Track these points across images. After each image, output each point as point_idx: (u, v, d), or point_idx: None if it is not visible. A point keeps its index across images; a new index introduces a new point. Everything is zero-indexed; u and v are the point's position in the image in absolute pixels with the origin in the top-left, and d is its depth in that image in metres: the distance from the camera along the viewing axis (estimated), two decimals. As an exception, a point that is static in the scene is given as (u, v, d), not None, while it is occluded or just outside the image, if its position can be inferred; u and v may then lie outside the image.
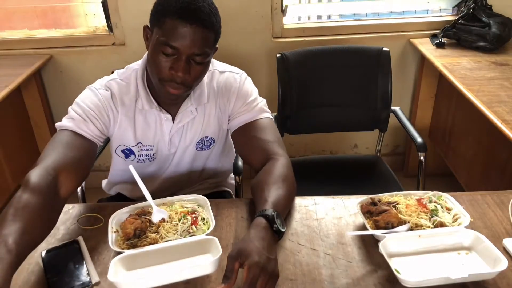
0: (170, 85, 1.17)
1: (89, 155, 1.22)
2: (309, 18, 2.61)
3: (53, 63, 2.52)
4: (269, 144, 1.27)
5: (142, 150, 1.35)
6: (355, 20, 2.59)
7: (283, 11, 2.47)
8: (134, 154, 1.36)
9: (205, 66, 1.19)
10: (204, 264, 0.98)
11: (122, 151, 1.36)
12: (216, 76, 1.34)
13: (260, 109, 1.34)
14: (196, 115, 1.33)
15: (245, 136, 1.31)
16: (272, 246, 0.98)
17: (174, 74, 1.14)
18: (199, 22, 1.10)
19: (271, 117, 1.36)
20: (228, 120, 1.36)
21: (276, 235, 1.01)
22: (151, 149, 1.35)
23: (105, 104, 1.26)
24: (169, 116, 1.30)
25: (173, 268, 1.02)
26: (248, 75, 1.43)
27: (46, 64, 2.49)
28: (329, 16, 2.64)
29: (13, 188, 2.45)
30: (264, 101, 1.38)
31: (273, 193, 1.10)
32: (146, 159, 1.37)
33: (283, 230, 1.02)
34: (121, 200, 1.50)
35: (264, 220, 1.01)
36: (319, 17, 2.65)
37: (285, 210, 1.15)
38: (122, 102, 1.28)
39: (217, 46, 1.24)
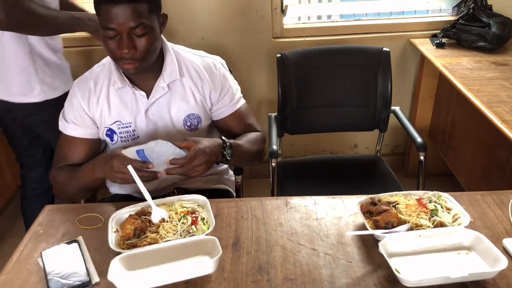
0: (123, 63, 1.27)
1: (91, 147, 1.43)
2: (309, 18, 2.61)
3: (53, 63, 2.51)
4: (250, 128, 1.50)
5: (121, 127, 1.41)
6: (355, 20, 2.59)
7: (283, 11, 2.47)
8: (115, 133, 1.42)
9: (150, 37, 1.26)
10: (204, 264, 0.98)
11: (106, 134, 1.42)
12: (184, 55, 1.43)
13: (238, 98, 1.49)
14: (170, 91, 1.39)
15: (229, 126, 1.48)
16: (217, 156, 1.27)
17: (121, 52, 1.23)
18: (123, 0, 1.19)
19: (244, 100, 1.51)
20: (212, 104, 1.45)
21: (221, 157, 1.30)
22: (130, 126, 1.41)
23: (79, 98, 1.39)
24: (143, 93, 1.38)
25: (173, 268, 1.02)
26: (248, 75, 1.47)
27: (46, 64, 2.48)
28: (329, 16, 2.64)
29: (13, 188, 2.45)
30: (239, 87, 1.51)
31: (241, 142, 1.39)
32: (128, 136, 1.42)
33: (228, 158, 1.31)
34: (121, 200, 1.51)
35: (221, 142, 1.30)
36: (319, 17, 2.65)
37: (241, 155, 1.38)
38: (96, 86, 1.39)
39: (164, 13, 1.32)
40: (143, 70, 1.31)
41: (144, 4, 1.22)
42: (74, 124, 1.40)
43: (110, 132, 1.41)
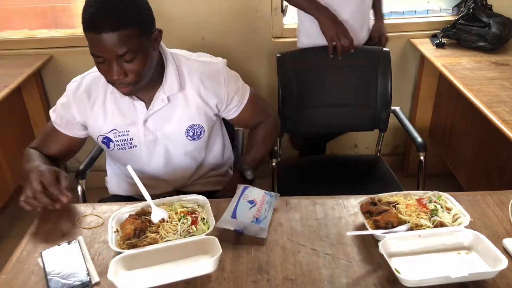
0: (116, 87, 1.26)
1: (69, 144, 1.43)
2: (309, 18, 2.60)
3: (53, 63, 2.52)
4: (262, 113, 1.54)
5: (118, 136, 1.39)
6: (355, 20, 2.58)
7: (283, 11, 2.47)
8: (112, 141, 1.40)
9: (140, 60, 1.20)
10: (204, 263, 0.98)
11: (102, 141, 1.41)
12: (187, 62, 1.37)
13: (244, 90, 1.46)
14: (170, 103, 1.36)
15: (243, 119, 1.50)
16: (238, 184, 1.28)
17: (112, 78, 1.20)
18: (106, 28, 1.12)
19: (251, 88, 1.49)
20: (218, 110, 1.43)
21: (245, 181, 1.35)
22: (127, 134, 1.39)
23: (70, 101, 1.38)
24: (142, 103, 1.35)
25: (173, 268, 1.02)
26: (248, 75, 1.46)
27: (46, 64, 2.49)
28: (329, 16, 2.64)
29: (13, 188, 2.45)
30: (241, 80, 1.47)
31: (251, 154, 1.48)
32: (125, 144, 1.40)
33: (250, 178, 1.41)
34: (122, 200, 1.51)
35: (239, 174, 1.42)
36: (319, 17, 2.64)
37: (260, 162, 1.50)
38: (91, 94, 1.37)
39: (155, 29, 1.24)
40: (139, 90, 1.28)
41: (131, 29, 1.14)
42: (61, 120, 1.39)
43: (107, 140, 1.40)
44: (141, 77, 1.22)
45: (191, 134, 1.40)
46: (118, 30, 1.12)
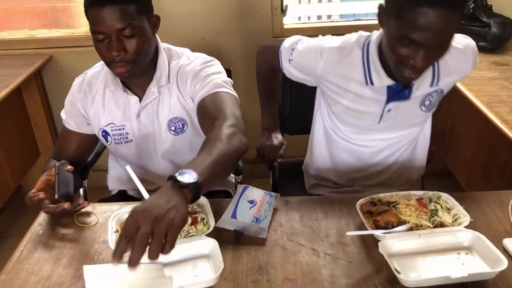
0: (114, 66, 1.25)
1: (83, 142, 1.46)
2: (309, 18, 2.61)
3: (53, 63, 2.52)
4: (224, 115, 1.18)
5: (115, 130, 1.41)
6: (355, 20, 2.58)
7: (283, 11, 2.47)
8: (109, 135, 1.42)
9: (140, 38, 1.23)
10: (206, 279, 0.97)
11: (102, 135, 1.43)
12: (177, 58, 1.39)
13: (216, 83, 1.29)
14: (159, 96, 1.37)
15: (201, 112, 1.28)
16: (171, 196, 0.87)
17: (111, 55, 1.22)
18: (109, 2, 1.17)
19: (231, 92, 1.29)
20: (193, 102, 1.33)
21: (182, 189, 0.89)
22: (123, 129, 1.41)
23: (75, 95, 1.42)
24: (136, 97, 1.37)
25: (173, 274, 1.02)
26: (248, 75, 1.43)
27: (46, 64, 2.49)
28: (329, 16, 2.64)
29: (13, 188, 2.45)
30: (226, 79, 1.33)
31: (198, 160, 1.00)
32: (121, 139, 1.42)
33: (186, 182, 0.90)
34: (122, 199, 1.51)
35: (169, 181, 0.91)
36: (319, 17, 2.65)
37: (210, 171, 0.97)
38: (92, 87, 1.40)
39: (155, 14, 1.29)
40: (137, 74, 1.28)
41: (132, 5, 1.20)
42: (71, 118, 1.43)
43: (105, 134, 1.42)
44: (139, 56, 1.24)
45: (173, 128, 1.40)
46: (120, 3, 1.18)
